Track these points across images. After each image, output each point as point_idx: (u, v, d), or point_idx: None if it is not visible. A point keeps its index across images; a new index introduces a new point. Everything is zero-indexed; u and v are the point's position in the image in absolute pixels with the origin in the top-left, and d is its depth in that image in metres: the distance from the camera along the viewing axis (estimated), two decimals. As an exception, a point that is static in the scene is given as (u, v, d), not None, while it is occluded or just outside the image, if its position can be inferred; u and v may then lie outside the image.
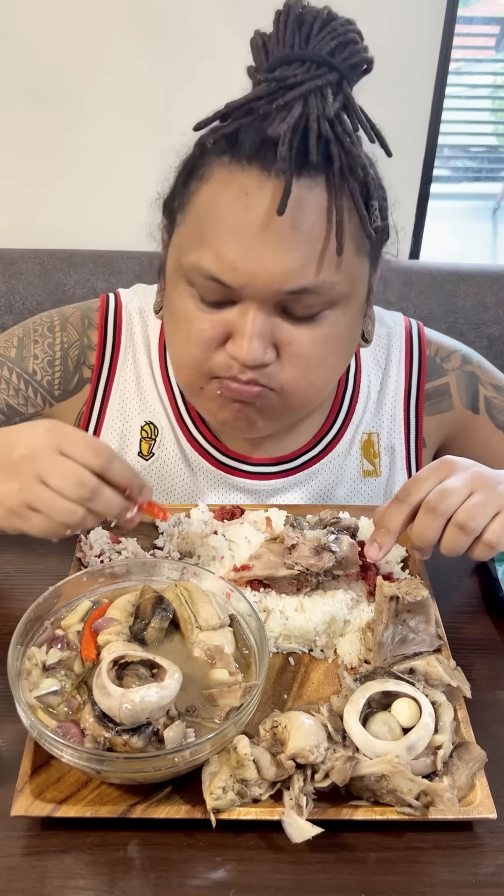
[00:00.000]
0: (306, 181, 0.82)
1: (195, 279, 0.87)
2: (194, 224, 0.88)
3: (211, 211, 0.85)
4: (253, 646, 0.77)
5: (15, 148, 2.11)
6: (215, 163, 0.86)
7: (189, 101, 2.06)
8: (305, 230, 0.83)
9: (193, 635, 0.77)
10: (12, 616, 0.75)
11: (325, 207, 0.84)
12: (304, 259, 0.84)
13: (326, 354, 0.91)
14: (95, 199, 2.17)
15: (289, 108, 0.80)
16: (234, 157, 0.84)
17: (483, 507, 0.80)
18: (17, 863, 0.65)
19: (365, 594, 0.88)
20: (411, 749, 0.67)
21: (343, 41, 0.82)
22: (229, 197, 0.84)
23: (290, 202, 0.80)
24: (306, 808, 0.65)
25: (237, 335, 0.87)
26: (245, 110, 0.84)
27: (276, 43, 0.85)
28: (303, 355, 0.89)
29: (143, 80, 2.06)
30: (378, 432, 1.13)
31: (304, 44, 0.83)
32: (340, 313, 0.90)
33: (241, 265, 0.84)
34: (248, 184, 0.83)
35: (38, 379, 1.08)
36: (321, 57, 0.81)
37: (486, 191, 4.63)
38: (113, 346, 1.10)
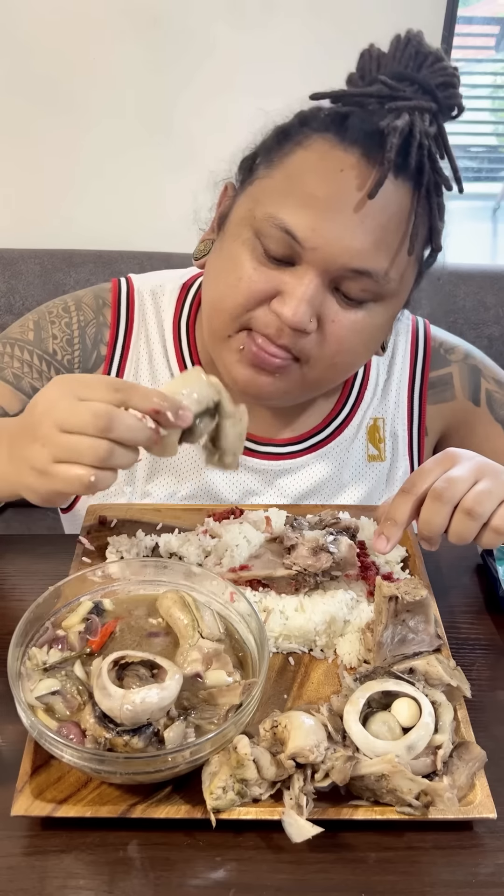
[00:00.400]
0: (398, 181, 0.88)
1: (266, 229, 0.89)
2: (283, 180, 0.90)
3: (303, 174, 0.89)
4: (253, 646, 0.77)
5: (15, 148, 2.11)
6: (318, 135, 0.89)
7: (189, 101, 2.07)
8: (384, 220, 0.88)
9: (193, 639, 0.77)
10: (12, 616, 0.75)
11: (406, 209, 0.89)
12: (376, 244, 0.88)
13: (358, 343, 0.95)
14: (95, 199, 2.18)
15: (399, 112, 0.85)
16: (339, 136, 0.88)
17: (490, 493, 0.81)
18: (17, 863, 0.65)
19: (365, 594, 0.88)
20: (411, 749, 0.67)
21: (448, 82, 0.88)
22: (325, 168, 0.88)
23: (380, 192, 0.85)
24: (306, 808, 0.65)
25: (288, 295, 0.89)
26: (356, 100, 0.89)
27: (390, 59, 0.90)
28: (340, 336, 0.93)
29: (143, 80, 2.06)
30: (384, 418, 1.15)
31: (416, 70, 0.89)
32: (382, 309, 0.95)
33: (319, 229, 0.87)
34: (348, 162, 0.87)
35: (59, 359, 1.09)
36: (430, 85, 0.87)
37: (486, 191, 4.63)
38: (126, 325, 1.12)
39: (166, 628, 0.80)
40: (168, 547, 0.95)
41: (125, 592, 0.84)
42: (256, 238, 0.91)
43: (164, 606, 0.81)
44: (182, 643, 0.78)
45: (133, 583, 0.85)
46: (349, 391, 1.14)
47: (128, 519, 1.00)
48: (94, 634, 0.78)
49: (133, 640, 0.79)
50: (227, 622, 0.81)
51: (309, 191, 0.88)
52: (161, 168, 2.12)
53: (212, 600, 0.82)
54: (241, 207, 0.95)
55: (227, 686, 0.73)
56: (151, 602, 0.83)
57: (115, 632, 0.79)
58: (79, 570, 0.85)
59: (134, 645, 0.78)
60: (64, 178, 2.16)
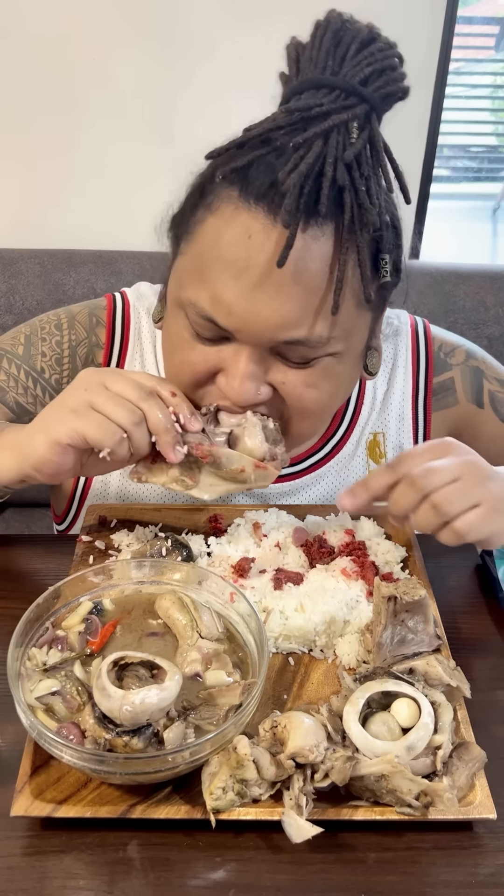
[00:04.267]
0: (313, 230, 0.79)
1: (191, 315, 0.86)
2: (196, 257, 0.85)
3: (213, 247, 0.82)
4: (252, 646, 0.77)
5: (15, 148, 2.11)
6: (224, 194, 0.82)
7: (189, 101, 2.07)
8: (305, 282, 0.80)
9: (192, 640, 0.77)
10: (12, 616, 0.75)
11: (328, 260, 0.80)
12: (300, 312, 0.81)
13: (322, 394, 0.89)
14: (95, 199, 2.18)
15: (307, 145, 0.77)
16: (243, 194, 0.80)
17: (463, 494, 0.81)
18: (17, 863, 0.65)
19: (365, 594, 0.88)
20: (411, 749, 0.67)
21: (379, 68, 0.78)
22: (232, 236, 0.81)
23: (292, 252, 0.77)
24: (306, 808, 0.65)
25: (229, 373, 0.86)
26: (261, 139, 0.80)
27: (308, 60, 0.81)
28: (297, 395, 0.88)
29: (143, 80, 2.06)
30: (384, 432, 1.13)
31: (337, 66, 0.79)
32: (335, 361, 0.88)
33: (236, 310, 0.82)
34: (253, 226, 0.79)
35: (47, 377, 1.08)
36: (352, 86, 0.77)
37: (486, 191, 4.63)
38: (121, 345, 1.10)
39: (166, 628, 0.80)
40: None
41: (125, 592, 0.84)
42: (187, 318, 0.87)
43: (162, 607, 0.81)
44: (181, 643, 0.78)
45: (133, 583, 0.85)
46: (345, 408, 1.12)
47: (128, 519, 1.00)
48: (94, 635, 0.78)
49: (133, 641, 0.79)
50: (226, 622, 0.81)
51: (220, 268, 0.81)
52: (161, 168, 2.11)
53: (212, 600, 0.82)
54: (171, 285, 0.91)
55: (227, 686, 0.73)
56: (151, 602, 0.83)
57: (116, 632, 0.79)
58: (79, 570, 0.86)
59: (134, 645, 0.78)
60: (64, 177, 2.16)
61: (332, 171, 0.76)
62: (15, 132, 2.10)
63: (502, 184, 4.56)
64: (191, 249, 0.86)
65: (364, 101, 0.78)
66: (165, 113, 2.09)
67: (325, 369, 0.88)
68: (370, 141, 0.79)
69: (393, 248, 0.85)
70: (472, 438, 1.13)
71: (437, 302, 1.92)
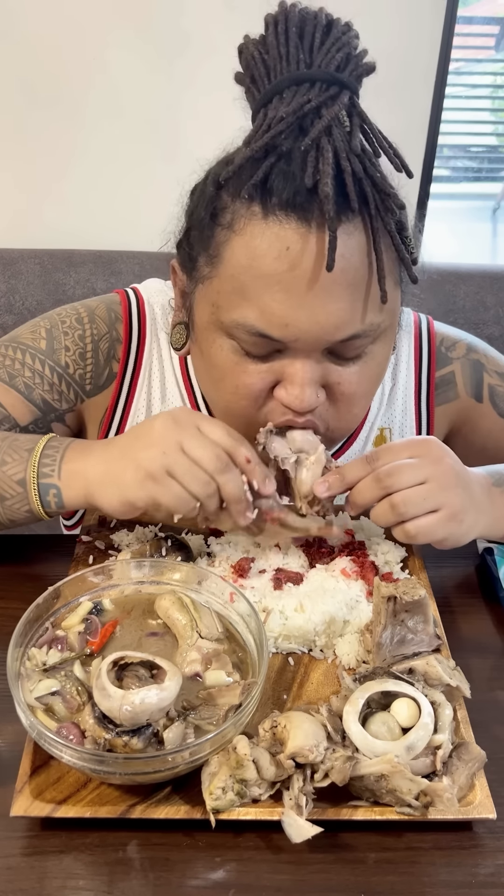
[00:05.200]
0: (346, 227, 0.80)
1: (239, 335, 0.86)
2: (232, 279, 0.84)
3: (251, 267, 0.82)
4: (252, 646, 0.77)
5: (15, 148, 2.11)
6: (244, 212, 0.82)
7: (190, 101, 2.07)
8: (350, 279, 0.82)
9: (192, 640, 0.77)
10: (12, 616, 0.75)
11: (365, 251, 0.82)
12: (351, 308, 0.83)
13: (369, 386, 0.93)
14: (95, 199, 2.18)
15: (314, 146, 0.78)
16: (267, 208, 0.80)
17: (423, 498, 0.83)
18: (17, 863, 0.65)
19: (364, 594, 0.88)
20: (410, 749, 0.67)
21: (347, 52, 0.80)
22: (271, 253, 0.80)
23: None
24: (306, 808, 0.65)
25: (289, 383, 0.86)
26: (266, 150, 0.80)
27: (277, 58, 0.82)
28: (350, 393, 0.89)
29: (142, 80, 2.06)
30: (390, 427, 1.14)
31: (308, 58, 0.80)
32: (381, 346, 0.91)
33: (291, 321, 0.82)
34: (289, 238, 0.80)
35: (71, 373, 1.06)
36: (331, 76, 0.79)
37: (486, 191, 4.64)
38: (139, 340, 1.10)
39: (166, 628, 0.80)
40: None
41: (125, 592, 0.84)
42: (232, 339, 0.87)
43: (162, 607, 0.81)
44: (181, 643, 0.78)
45: (133, 583, 0.85)
46: None
47: (127, 518, 1.00)
48: (94, 635, 0.78)
49: (133, 641, 0.79)
50: (226, 622, 0.81)
51: (264, 285, 0.81)
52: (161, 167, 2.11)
53: (211, 600, 0.82)
54: (202, 311, 0.90)
55: (227, 686, 0.73)
56: (151, 602, 0.83)
57: (115, 632, 0.79)
58: (79, 570, 0.85)
59: (133, 645, 0.78)
60: (64, 177, 2.16)
61: (349, 165, 0.78)
62: (15, 132, 2.10)
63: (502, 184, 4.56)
64: (222, 273, 0.85)
65: (345, 88, 0.80)
66: (165, 113, 2.09)
67: (373, 358, 0.90)
68: (361, 125, 0.81)
69: (411, 227, 0.88)
70: (470, 433, 1.15)
71: (437, 302, 1.92)
